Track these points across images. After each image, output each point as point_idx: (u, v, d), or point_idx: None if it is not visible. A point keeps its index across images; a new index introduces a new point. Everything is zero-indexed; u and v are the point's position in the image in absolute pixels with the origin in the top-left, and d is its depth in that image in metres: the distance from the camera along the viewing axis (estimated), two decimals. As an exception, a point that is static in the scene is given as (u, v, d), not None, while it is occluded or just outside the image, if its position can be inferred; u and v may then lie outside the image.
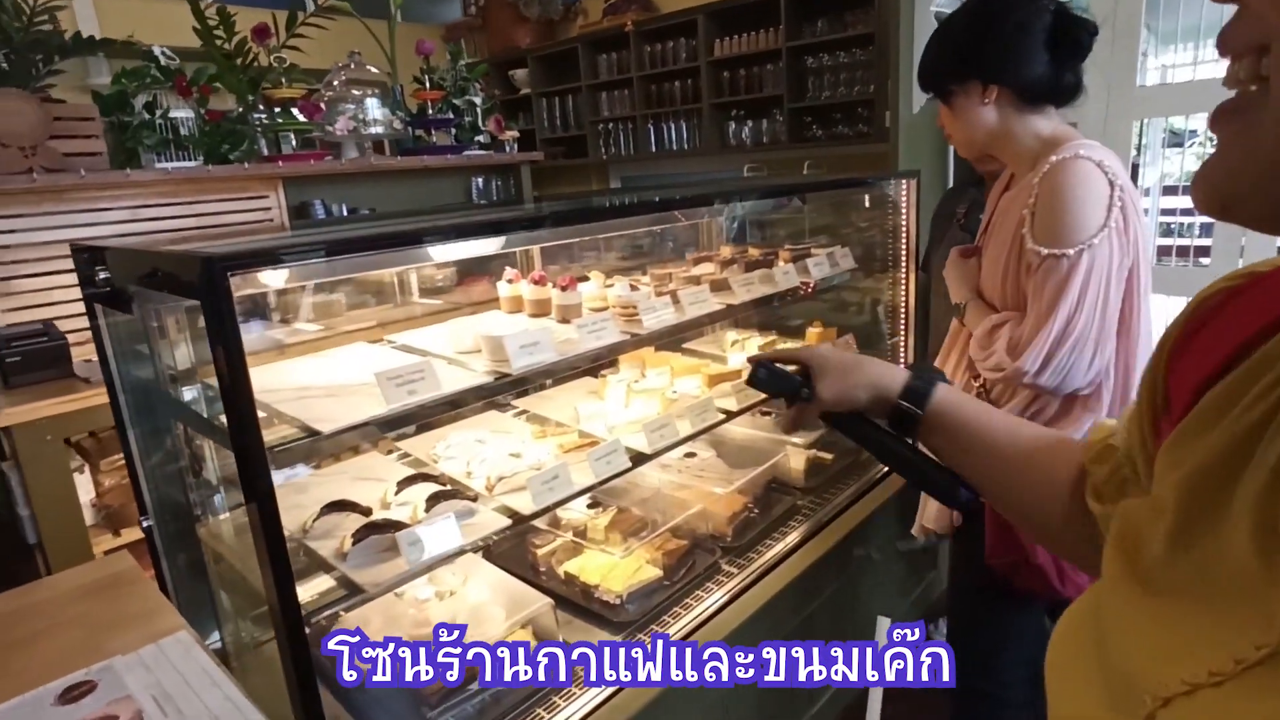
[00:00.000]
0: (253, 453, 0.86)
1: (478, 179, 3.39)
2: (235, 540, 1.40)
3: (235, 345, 0.81)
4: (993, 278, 1.37)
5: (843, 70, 3.91)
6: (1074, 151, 1.23)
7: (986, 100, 1.28)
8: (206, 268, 0.79)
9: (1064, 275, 1.21)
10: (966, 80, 1.29)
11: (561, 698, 1.36)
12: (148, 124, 2.29)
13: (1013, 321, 1.31)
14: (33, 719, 0.86)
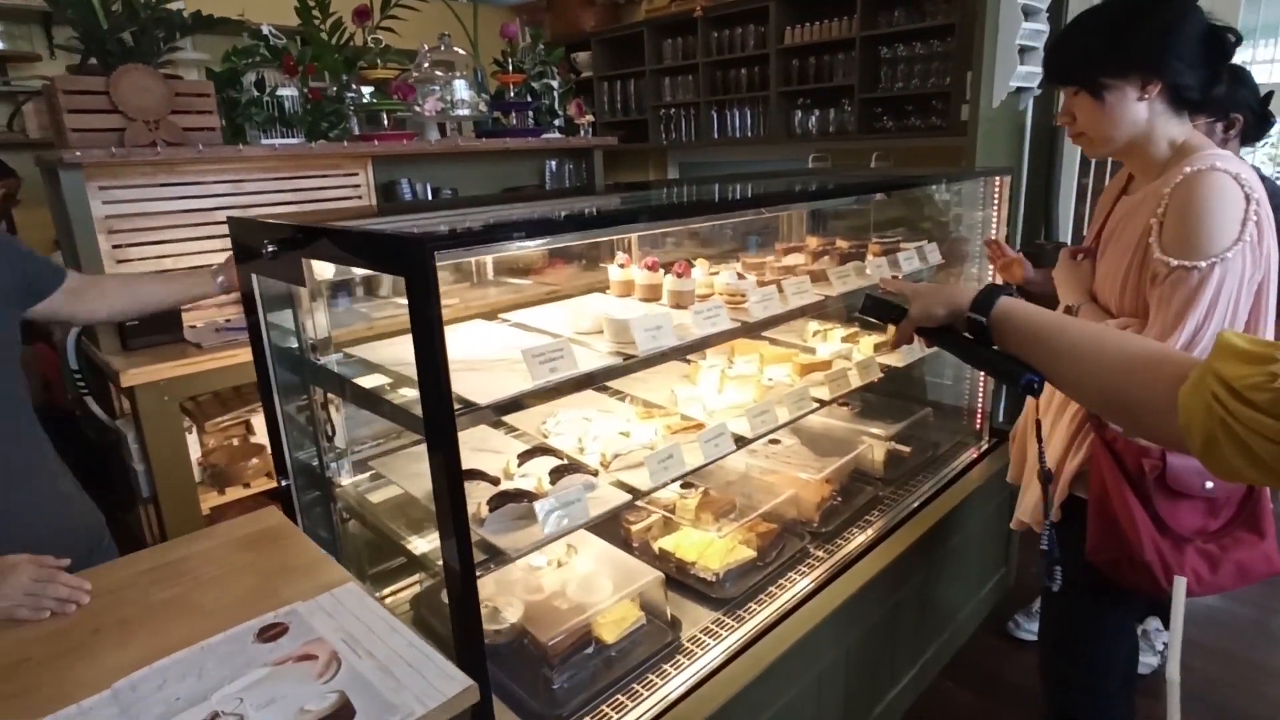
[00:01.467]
0: (444, 421, 0.92)
1: (551, 162, 3.45)
2: (367, 499, 1.48)
3: (437, 318, 0.87)
4: (1112, 283, 1.36)
5: (918, 61, 3.87)
6: (1210, 163, 1.20)
7: (1145, 96, 1.24)
8: (417, 248, 0.85)
9: (1194, 287, 1.19)
10: (1127, 73, 1.24)
11: (672, 666, 1.42)
12: (256, 101, 2.37)
13: (1133, 329, 1.31)
14: (240, 653, 0.94)
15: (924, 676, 2.07)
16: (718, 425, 1.55)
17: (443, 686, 0.87)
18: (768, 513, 1.84)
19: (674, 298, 1.59)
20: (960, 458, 2.35)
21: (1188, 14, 1.19)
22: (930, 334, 0.99)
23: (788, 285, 1.71)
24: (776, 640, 1.50)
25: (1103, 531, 1.31)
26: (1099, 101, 1.27)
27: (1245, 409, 0.63)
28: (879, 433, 2.27)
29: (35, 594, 1.03)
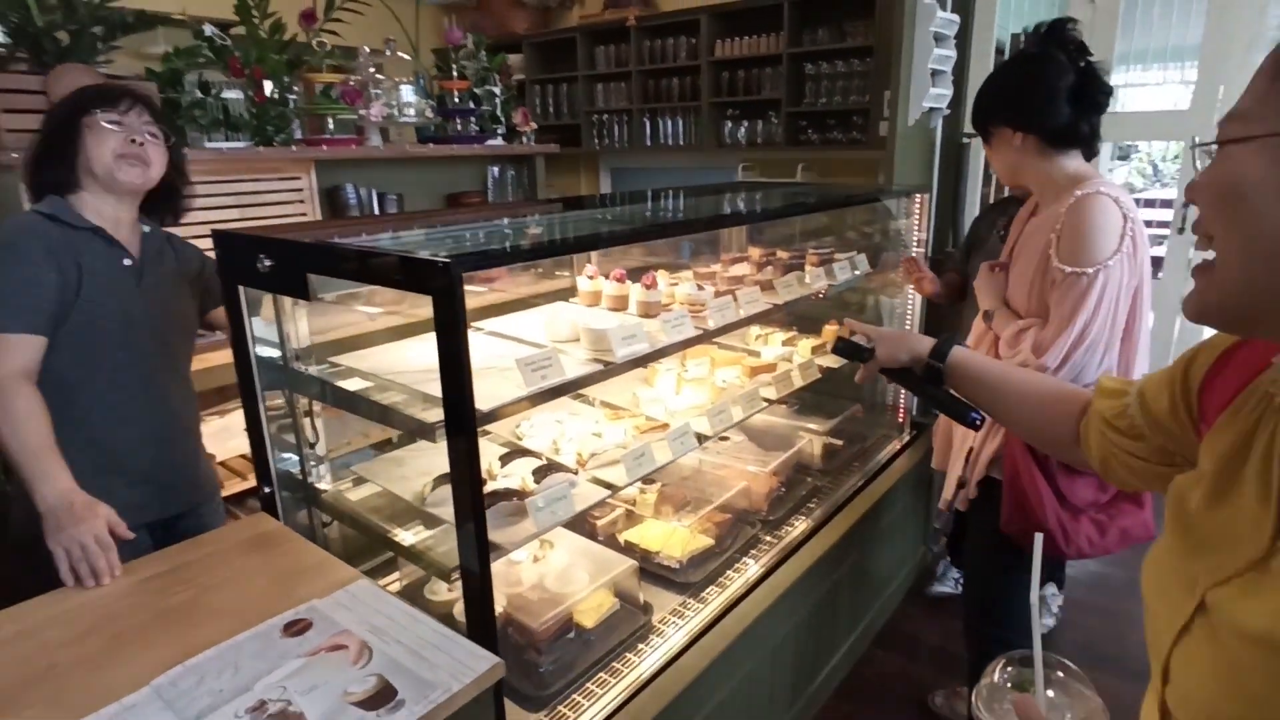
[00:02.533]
0: (466, 424, 1.01)
1: (494, 168, 3.51)
2: (348, 503, 1.53)
3: (462, 334, 0.97)
4: (1020, 290, 1.60)
5: (840, 78, 4.13)
6: (1095, 188, 1.46)
7: (1016, 142, 1.52)
8: (446, 270, 0.94)
9: (1083, 290, 1.44)
10: (1001, 126, 1.54)
11: (647, 645, 1.55)
12: (200, 103, 2.33)
13: (1036, 326, 1.54)
14: (269, 648, 1.00)
15: (858, 646, 2.27)
16: (682, 424, 1.68)
17: (472, 664, 0.96)
18: (722, 504, 1.99)
19: (642, 307, 1.70)
20: (886, 449, 2.57)
21: (1055, 76, 1.45)
22: (892, 374, 1.14)
23: (741, 295, 1.86)
24: (736, 620, 1.65)
25: (1014, 505, 1.53)
26: (989, 145, 1.58)
27: (1113, 434, 0.83)
28: (816, 428, 2.46)
29: (85, 549, 1.15)
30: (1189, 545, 0.64)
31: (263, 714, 0.88)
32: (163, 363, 1.56)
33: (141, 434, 1.52)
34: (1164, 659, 0.63)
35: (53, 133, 1.42)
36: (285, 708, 0.88)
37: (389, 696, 0.90)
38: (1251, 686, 0.54)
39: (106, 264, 1.45)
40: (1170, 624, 0.62)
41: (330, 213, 2.87)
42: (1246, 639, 0.55)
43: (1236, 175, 0.55)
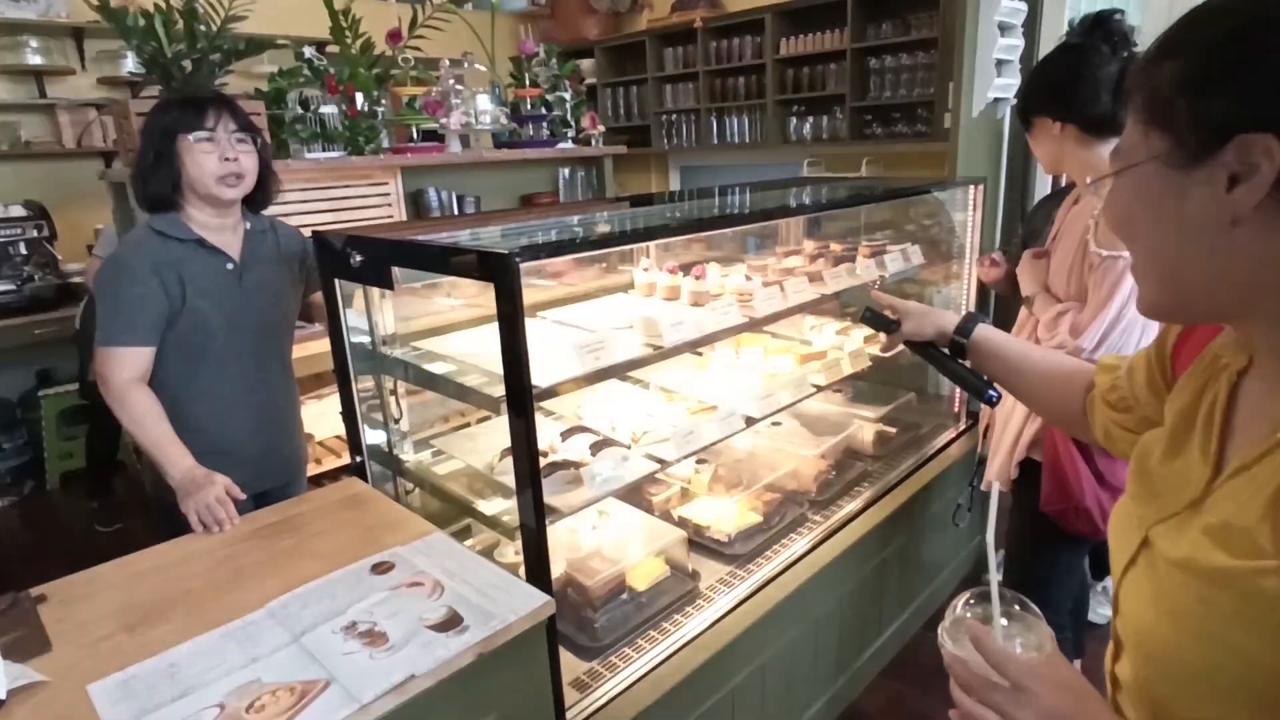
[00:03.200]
0: (524, 399, 1.17)
1: (564, 170, 3.69)
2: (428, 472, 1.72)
3: (520, 317, 1.12)
4: (1060, 275, 1.64)
5: (904, 72, 4.12)
6: None
7: (1056, 132, 1.56)
8: (507, 261, 1.10)
9: (1120, 273, 1.47)
10: (1041, 115, 1.58)
11: (694, 608, 1.67)
12: (301, 118, 2.60)
13: (1074, 309, 1.58)
14: (359, 583, 1.18)
15: (907, 628, 2.33)
16: (729, 406, 1.80)
17: (528, 602, 1.12)
18: (771, 484, 2.09)
19: (693, 297, 1.83)
20: (940, 437, 2.60)
21: (1095, 67, 1.48)
22: (915, 347, 1.20)
23: (788, 285, 1.96)
24: (780, 588, 1.76)
25: (1053, 486, 1.58)
26: (1030, 133, 1.62)
27: (1108, 408, 0.91)
28: (868, 415, 2.52)
29: (210, 508, 1.38)
30: (1144, 494, 0.72)
31: (354, 631, 1.05)
32: (265, 354, 1.73)
33: (246, 422, 1.70)
34: (1116, 590, 0.72)
35: (152, 153, 1.55)
36: (372, 627, 1.06)
37: (457, 622, 1.07)
38: (1176, 607, 0.62)
39: (210, 270, 1.61)
40: (1120, 560, 0.71)
41: (415, 214, 3.11)
42: (1172, 566, 0.63)
43: (1122, 205, 0.63)
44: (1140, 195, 0.61)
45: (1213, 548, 0.60)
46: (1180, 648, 0.62)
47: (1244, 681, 0.57)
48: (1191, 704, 0.62)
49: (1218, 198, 0.54)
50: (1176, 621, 0.62)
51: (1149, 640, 0.66)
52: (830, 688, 1.99)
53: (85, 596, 1.20)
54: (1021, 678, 0.64)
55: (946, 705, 0.70)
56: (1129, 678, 0.70)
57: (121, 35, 2.26)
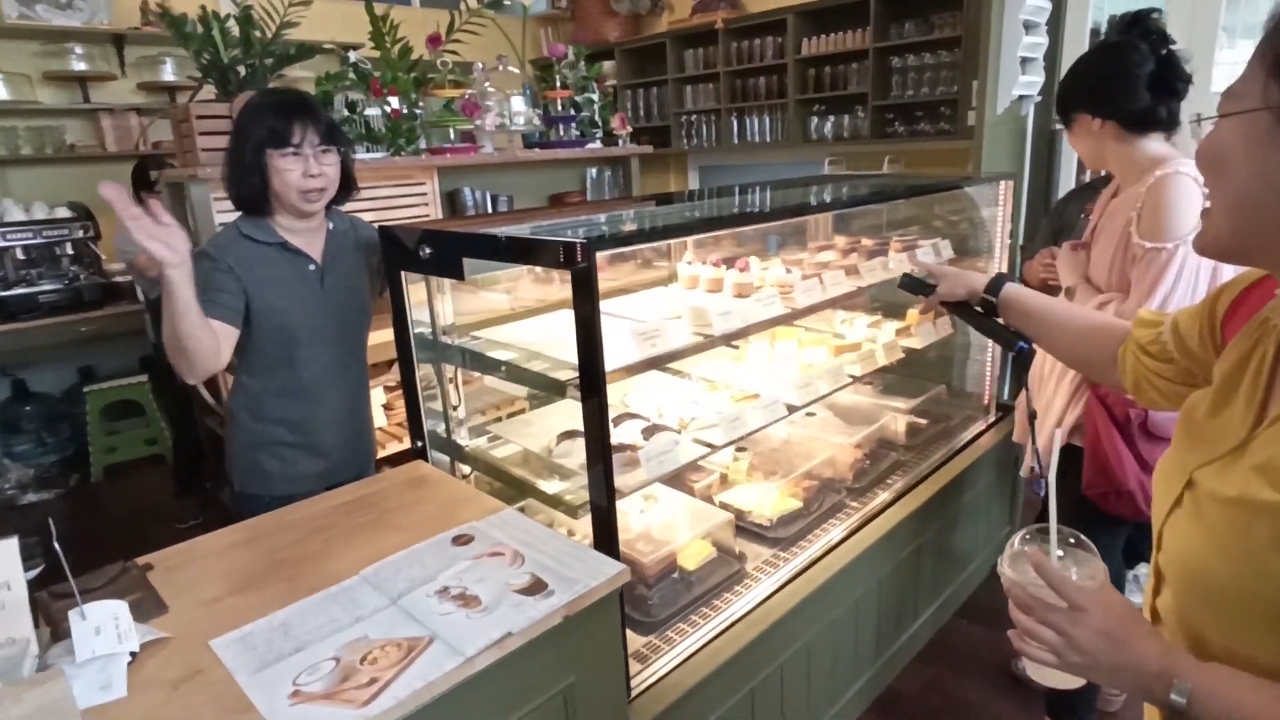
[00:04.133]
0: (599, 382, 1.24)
1: (591, 170, 3.77)
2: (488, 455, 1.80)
3: (596, 304, 1.20)
4: (1101, 265, 1.69)
5: (927, 70, 4.18)
6: (1175, 168, 1.53)
7: (1096, 128, 1.61)
8: (585, 249, 1.17)
9: (1163, 264, 1.52)
10: (1081, 112, 1.63)
11: (742, 587, 1.75)
12: (347, 120, 2.69)
13: (1117, 299, 1.63)
14: (443, 552, 1.26)
15: (942, 613, 2.39)
16: (772, 395, 1.87)
17: (604, 569, 1.19)
18: (810, 471, 2.16)
19: (737, 289, 1.90)
20: (970, 429, 2.66)
21: (1133, 65, 1.53)
22: (951, 307, 1.32)
23: (826, 277, 2.03)
24: (823, 569, 1.83)
25: (1095, 469, 1.63)
26: (1070, 130, 1.67)
27: (1147, 358, 0.97)
28: (900, 406, 2.59)
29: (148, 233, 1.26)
30: (1189, 444, 0.79)
31: (447, 595, 1.13)
32: (345, 351, 1.76)
33: (328, 418, 1.74)
34: (1159, 530, 0.79)
35: (241, 164, 1.59)
36: (464, 590, 1.14)
37: (542, 587, 1.14)
38: (1220, 538, 0.70)
39: (293, 273, 1.66)
40: (1164, 502, 0.78)
41: (450, 213, 3.20)
42: (1218, 502, 0.70)
43: (1221, 145, 0.68)
44: (1246, 137, 0.66)
45: (1261, 484, 0.66)
46: (1221, 574, 0.69)
47: (1273, 609, 0.64)
48: (1227, 629, 0.70)
49: None
50: (1219, 551, 0.69)
51: (1191, 570, 0.73)
52: (870, 668, 2.06)
53: (187, 564, 1.28)
54: (1079, 599, 0.72)
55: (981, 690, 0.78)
56: (1169, 607, 0.77)
57: (181, 42, 2.36)
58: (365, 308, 1.82)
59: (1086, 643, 0.70)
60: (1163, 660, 0.69)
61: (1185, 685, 0.66)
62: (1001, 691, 2.16)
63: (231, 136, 1.63)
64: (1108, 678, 0.72)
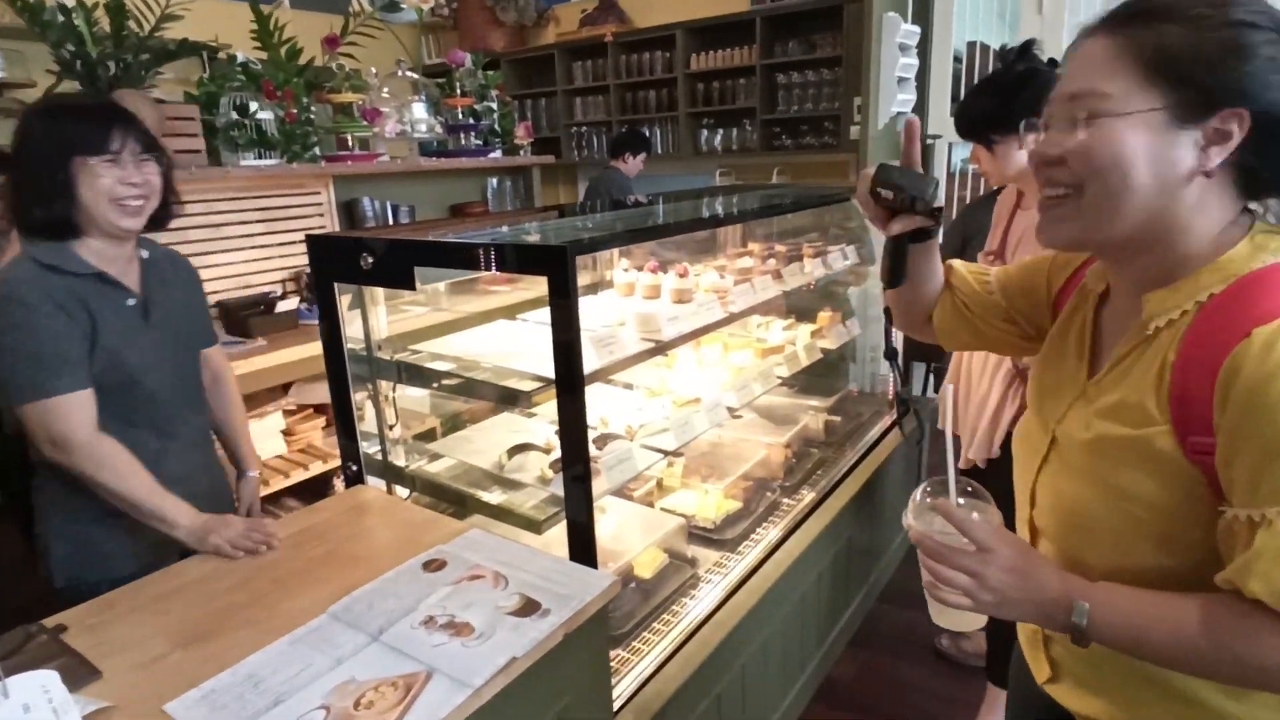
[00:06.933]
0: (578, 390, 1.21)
1: (493, 180, 3.70)
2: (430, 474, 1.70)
3: (575, 307, 1.16)
4: None
5: (810, 87, 4.41)
6: None
7: (1022, 149, 1.72)
8: (560, 253, 1.14)
9: None
10: (1009, 131, 1.68)
11: (698, 591, 1.75)
12: (237, 124, 2.48)
13: None
14: (414, 582, 1.18)
15: (868, 600, 2.50)
16: (713, 398, 1.90)
17: (595, 583, 1.16)
18: (745, 473, 2.21)
19: (676, 294, 1.91)
20: (877, 425, 2.81)
21: (1048, 87, 1.66)
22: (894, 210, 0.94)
23: (757, 282, 2.09)
24: (773, 567, 1.87)
25: None
26: (991, 152, 1.73)
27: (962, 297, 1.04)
28: (818, 405, 2.69)
29: (247, 535, 1.29)
30: (1042, 404, 0.89)
31: (435, 625, 1.06)
32: (184, 393, 1.53)
33: (176, 469, 1.45)
34: (1030, 489, 0.88)
35: (41, 174, 1.31)
36: (452, 619, 1.07)
37: (535, 607, 1.09)
38: (1088, 474, 0.79)
39: (113, 308, 1.39)
40: (1032, 463, 0.88)
41: (348, 224, 3.02)
42: (1081, 445, 0.80)
43: (1116, 147, 0.70)
44: (1128, 136, 0.69)
45: (1109, 424, 0.77)
46: (1093, 505, 0.78)
47: (1144, 523, 0.74)
48: (1106, 552, 0.78)
49: (1192, 152, 0.69)
50: (1089, 484, 0.79)
51: (1067, 510, 0.83)
52: (814, 660, 2.12)
53: (111, 622, 1.12)
54: (987, 539, 0.77)
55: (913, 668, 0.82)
56: (1050, 554, 0.86)
57: (38, 32, 2.09)
58: (197, 344, 1.60)
59: (996, 580, 0.75)
60: (1061, 586, 0.75)
61: (1083, 606, 0.73)
62: (931, 668, 2.29)
63: (21, 148, 1.33)
64: (1013, 611, 0.78)
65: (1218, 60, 0.67)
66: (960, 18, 4.04)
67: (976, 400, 1.88)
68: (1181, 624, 0.70)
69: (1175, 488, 0.72)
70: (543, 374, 1.45)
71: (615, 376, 2.18)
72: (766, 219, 2.69)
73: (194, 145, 2.34)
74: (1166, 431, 0.71)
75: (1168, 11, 0.70)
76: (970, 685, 2.15)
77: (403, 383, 1.66)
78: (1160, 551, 0.75)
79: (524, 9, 5.53)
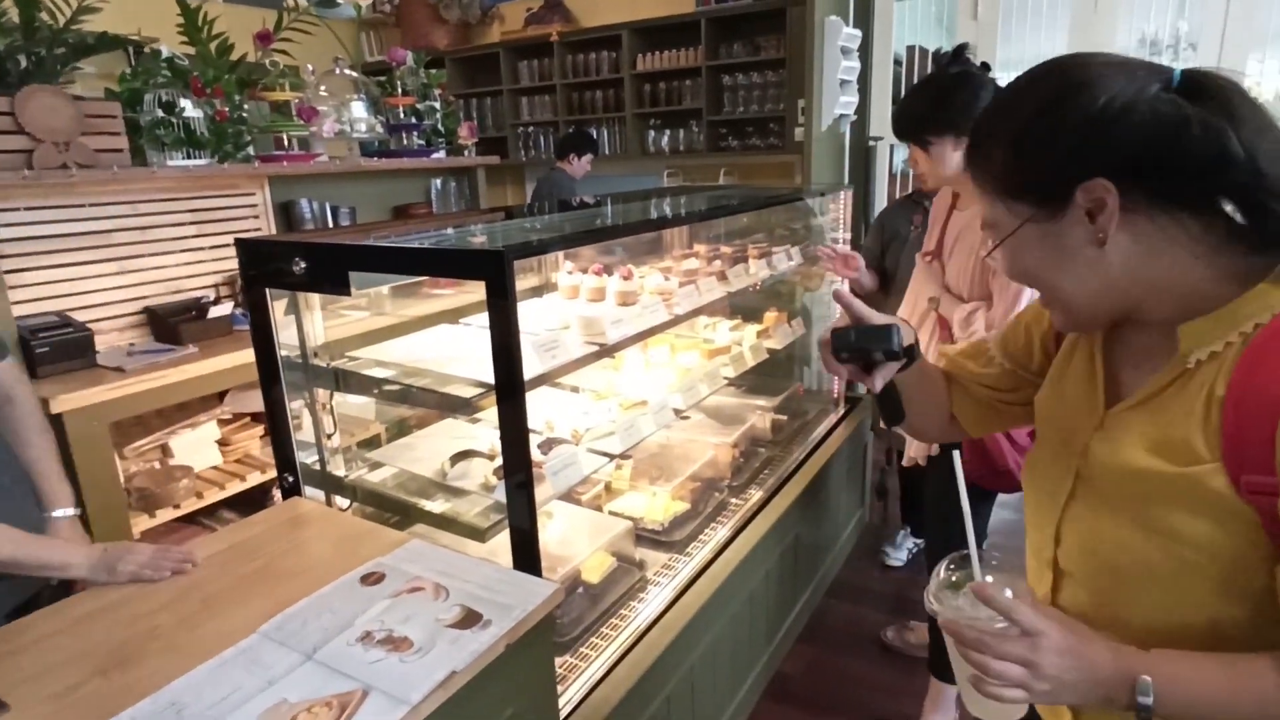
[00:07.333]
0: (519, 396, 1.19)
1: (436, 180, 3.63)
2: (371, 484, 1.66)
3: (514, 315, 1.14)
4: (961, 279, 1.83)
5: (756, 89, 4.46)
6: None
7: (957, 149, 1.74)
8: (497, 257, 1.12)
9: None
10: (944, 133, 1.73)
11: (647, 595, 1.74)
12: (163, 122, 2.38)
13: (983, 308, 1.78)
14: (352, 596, 1.15)
15: (815, 595, 2.54)
16: (660, 400, 1.90)
17: (538, 591, 1.14)
18: (693, 474, 2.21)
19: (621, 297, 1.90)
20: (823, 423, 2.86)
21: (981, 89, 1.71)
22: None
23: (702, 284, 2.09)
24: (721, 567, 1.88)
25: (976, 454, 1.79)
26: (926, 153, 1.77)
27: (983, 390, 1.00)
28: (764, 404, 2.72)
29: (156, 559, 1.21)
30: (1048, 434, 0.86)
31: (372, 641, 1.03)
32: None
33: None
34: (1055, 528, 0.82)
35: None
36: (390, 633, 1.04)
37: (477, 618, 1.07)
38: (1128, 515, 0.74)
39: None
40: (1056, 497, 0.82)
41: (286, 227, 2.93)
42: (1113, 478, 0.75)
43: (1018, 261, 0.76)
44: (1029, 250, 0.75)
45: (1157, 459, 0.71)
46: (1138, 547, 0.72)
47: (1200, 568, 0.69)
48: (1147, 604, 0.72)
49: (1085, 230, 0.70)
50: (1133, 527, 0.73)
51: (1103, 552, 0.76)
52: (763, 657, 2.14)
53: (21, 650, 1.06)
54: (1035, 623, 0.68)
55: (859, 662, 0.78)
56: (1078, 602, 0.80)
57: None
58: None
59: (1052, 666, 0.67)
60: (1115, 662, 0.68)
61: (1147, 682, 0.66)
62: (878, 661, 2.34)
63: None
64: (1071, 696, 0.69)
65: (1037, 159, 0.71)
66: (900, 22, 4.14)
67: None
68: (1260, 692, 0.65)
69: (1232, 530, 0.67)
70: (485, 379, 1.42)
71: (562, 379, 2.17)
72: (712, 220, 2.71)
73: (116, 144, 2.23)
74: (1217, 469, 0.67)
75: (987, 136, 0.75)
76: (916, 676, 2.20)
77: (341, 390, 1.61)
78: (1220, 600, 0.69)
79: (468, 6, 5.45)
